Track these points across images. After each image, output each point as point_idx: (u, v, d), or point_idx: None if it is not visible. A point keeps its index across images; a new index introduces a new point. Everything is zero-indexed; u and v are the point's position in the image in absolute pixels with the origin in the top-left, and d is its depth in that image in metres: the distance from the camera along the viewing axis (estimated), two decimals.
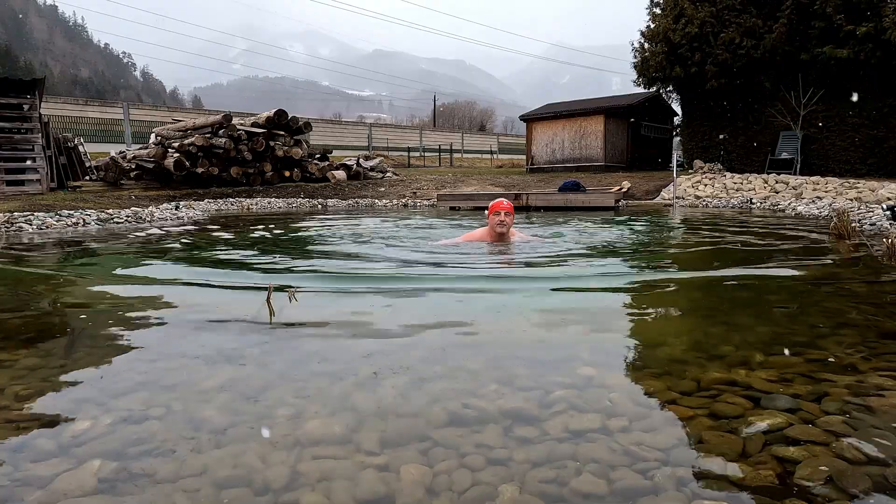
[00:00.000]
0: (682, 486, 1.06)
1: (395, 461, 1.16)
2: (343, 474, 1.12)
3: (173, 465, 1.15)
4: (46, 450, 1.22)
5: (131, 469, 1.14)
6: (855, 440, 1.20)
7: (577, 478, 1.09)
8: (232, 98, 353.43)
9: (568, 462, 1.15)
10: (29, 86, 10.84)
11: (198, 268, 3.86)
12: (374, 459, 1.17)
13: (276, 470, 1.13)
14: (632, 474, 1.10)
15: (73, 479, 1.11)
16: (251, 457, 1.18)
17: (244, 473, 1.12)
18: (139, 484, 1.09)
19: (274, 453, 1.19)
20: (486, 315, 2.46)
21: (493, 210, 4.66)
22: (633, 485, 1.07)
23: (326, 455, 1.19)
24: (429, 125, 52.52)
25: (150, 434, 1.28)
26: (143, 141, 19.57)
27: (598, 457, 1.16)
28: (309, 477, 1.11)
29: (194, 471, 1.13)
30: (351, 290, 3.01)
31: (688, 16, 16.59)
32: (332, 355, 1.89)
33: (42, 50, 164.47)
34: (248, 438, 1.26)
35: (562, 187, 12.14)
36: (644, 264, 4.10)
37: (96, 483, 1.09)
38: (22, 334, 2.17)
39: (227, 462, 1.16)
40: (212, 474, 1.12)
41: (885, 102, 14.28)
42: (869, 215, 6.79)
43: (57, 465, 1.16)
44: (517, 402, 1.44)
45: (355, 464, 1.15)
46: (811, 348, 1.85)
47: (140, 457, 1.18)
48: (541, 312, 2.45)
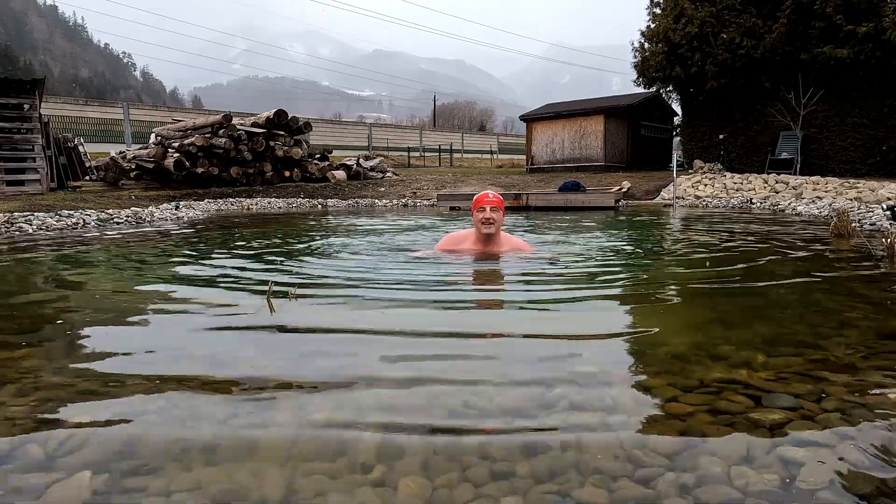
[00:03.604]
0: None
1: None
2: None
3: (171, 465, 1.15)
4: (38, 455, 1.22)
5: (126, 470, 1.13)
6: (855, 440, 1.20)
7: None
8: (232, 98, 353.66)
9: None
10: (29, 86, 10.83)
11: (197, 268, 3.86)
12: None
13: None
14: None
15: (68, 485, 1.10)
16: (244, 474, 1.18)
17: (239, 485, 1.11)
18: (134, 487, 1.08)
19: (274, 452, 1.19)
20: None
21: (477, 204, 3.75)
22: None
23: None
24: (429, 125, 52.53)
25: (149, 434, 1.28)
26: (143, 141, 19.57)
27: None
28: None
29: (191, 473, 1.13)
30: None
31: (688, 16, 16.59)
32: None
33: (42, 50, 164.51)
34: (248, 437, 1.26)
35: (562, 187, 12.14)
36: (648, 274, 4.09)
37: (91, 490, 1.08)
38: (21, 334, 2.17)
39: (221, 474, 1.16)
40: (208, 478, 1.12)
41: (885, 102, 14.28)
42: (869, 215, 6.79)
43: (52, 469, 1.15)
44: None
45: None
46: (812, 348, 1.85)
47: (136, 457, 1.18)
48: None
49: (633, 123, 20.69)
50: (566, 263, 3.86)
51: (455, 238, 4.09)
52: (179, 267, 3.94)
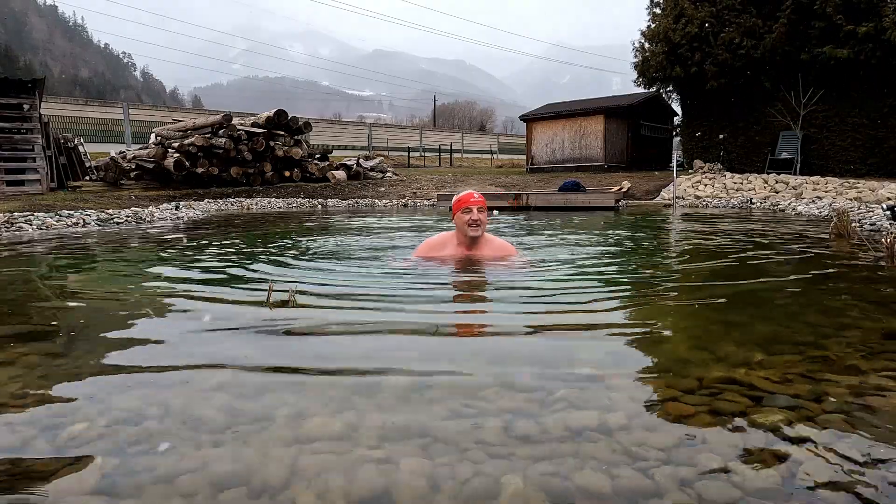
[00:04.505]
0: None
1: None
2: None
3: (172, 462, 1.15)
4: (43, 450, 1.22)
5: (130, 468, 1.13)
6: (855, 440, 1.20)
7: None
8: (232, 98, 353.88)
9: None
10: (29, 86, 10.83)
11: (196, 267, 3.86)
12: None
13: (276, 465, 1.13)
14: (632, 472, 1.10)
15: (72, 479, 1.10)
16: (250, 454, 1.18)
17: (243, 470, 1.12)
18: (137, 484, 1.08)
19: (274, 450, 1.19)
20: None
21: (462, 205, 3.39)
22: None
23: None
24: (429, 125, 52.53)
25: (148, 434, 1.28)
26: (143, 141, 19.57)
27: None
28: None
29: (192, 469, 1.13)
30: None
31: (688, 16, 16.59)
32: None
33: (42, 50, 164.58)
34: (246, 437, 1.26)
35: (562, 187, 12.14)
36: (643, 275, 4.08)
37: (95, 484, 1.08)
38: (20, 334, 2.17)
39: (226, 459, 1.16)
40: (210, 472, 1.12)
41: (885, 102, 14.29)
42: (869, 215, 6.79)
43: (54, 464, 1.15)
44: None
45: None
46: (812, 348, 1.85)
47: (138, 456, 1.18)
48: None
49: (633, 123, 20.69)
50: (565, 264, 3.86)
51: (434, 243, 3.70)
52: (179, 267, 3.94)
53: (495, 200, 10.94)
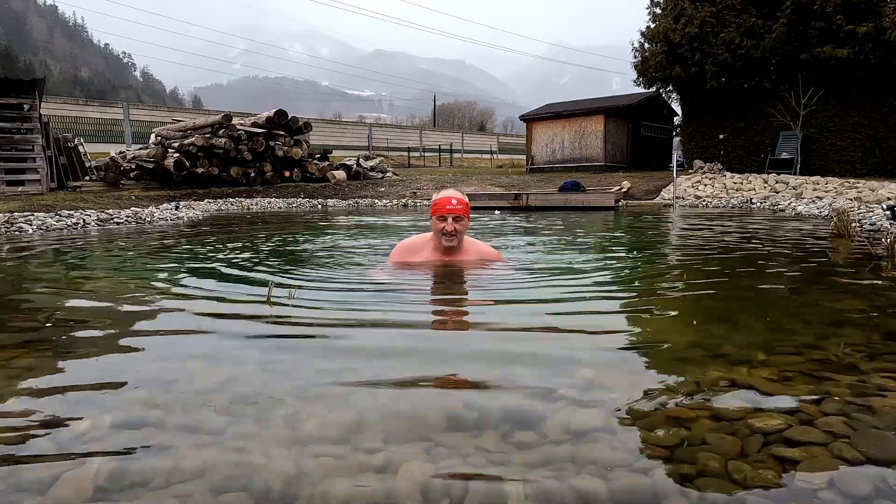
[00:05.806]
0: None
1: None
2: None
3: (171, 464, 1.15)
4: (45, 451, 1.22)
5: (130, 470, 1.13)
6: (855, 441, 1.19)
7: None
8: (232, 98, 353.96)
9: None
10: (29, 86, 10.84)
11: (196, 266, 3.86)
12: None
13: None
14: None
15: (73, 483, 1.10)
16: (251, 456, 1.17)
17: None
18: (136, 486, 1.08)
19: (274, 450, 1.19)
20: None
21: (437, 211, 3.09)
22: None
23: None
24: (429, 125, 52.53)
25: (149, 434, 1.28)
26: (143, 141, 19.57)
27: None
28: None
29: (192, 472, 1.13)
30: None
31: (688, 16, 16.59)
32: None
33: (42, 50, 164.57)
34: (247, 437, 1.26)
35: (562, 187, 12.14)
36: (640, 273, 4.08)
37: (95, 487, 1.08)
38: (20, 334, 2.17)
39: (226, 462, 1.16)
40: (210, 472, 1.11)
41: (885, 102, 14.29)
42: (869, 215, 6.79)
43: (55, 468, 1.15)
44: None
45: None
46: (812, 348, 1.85)
47: (139, 458, 1.18)
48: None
49: (633, 123, 20.69)
50: (563, 264, 3.85)
51: (409, 247, 3.34)
52: (178, 267, 3.94)
53: (496, 200, 10.95)
